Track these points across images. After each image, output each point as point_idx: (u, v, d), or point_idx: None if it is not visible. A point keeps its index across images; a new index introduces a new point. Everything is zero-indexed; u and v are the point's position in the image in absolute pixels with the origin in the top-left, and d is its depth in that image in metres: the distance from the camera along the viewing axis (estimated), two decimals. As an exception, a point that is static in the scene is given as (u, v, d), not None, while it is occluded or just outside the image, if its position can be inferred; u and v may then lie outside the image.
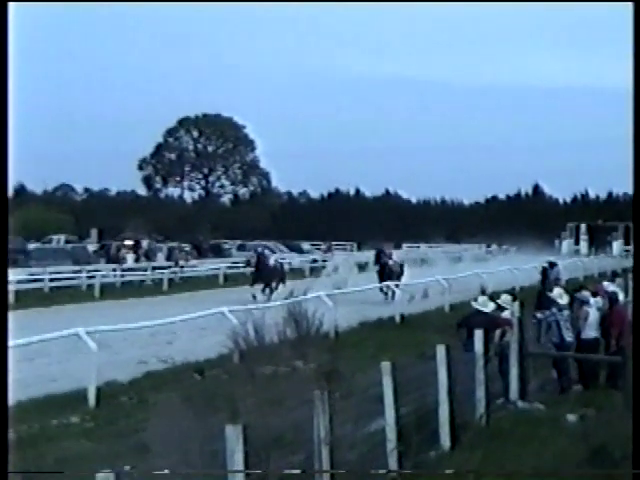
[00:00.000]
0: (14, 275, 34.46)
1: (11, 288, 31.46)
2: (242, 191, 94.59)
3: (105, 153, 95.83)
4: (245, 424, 7.05)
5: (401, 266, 33.46)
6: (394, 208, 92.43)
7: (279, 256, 41.38)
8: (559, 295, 15.27)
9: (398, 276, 31.75)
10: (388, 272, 31.85)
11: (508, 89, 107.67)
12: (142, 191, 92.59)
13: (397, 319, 22.69)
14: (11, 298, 30.14)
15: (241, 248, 61.54)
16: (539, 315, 14.92)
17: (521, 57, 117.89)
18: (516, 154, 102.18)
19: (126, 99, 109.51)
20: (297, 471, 7.52)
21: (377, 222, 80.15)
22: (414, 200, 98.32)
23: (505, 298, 15.12)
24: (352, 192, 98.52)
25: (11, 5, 7.47)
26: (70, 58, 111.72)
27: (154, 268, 43.54)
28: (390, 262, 32.97)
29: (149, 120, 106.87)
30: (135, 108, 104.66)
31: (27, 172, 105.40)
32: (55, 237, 64.47)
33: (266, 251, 36.60)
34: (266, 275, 32.26)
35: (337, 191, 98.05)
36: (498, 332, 13.77)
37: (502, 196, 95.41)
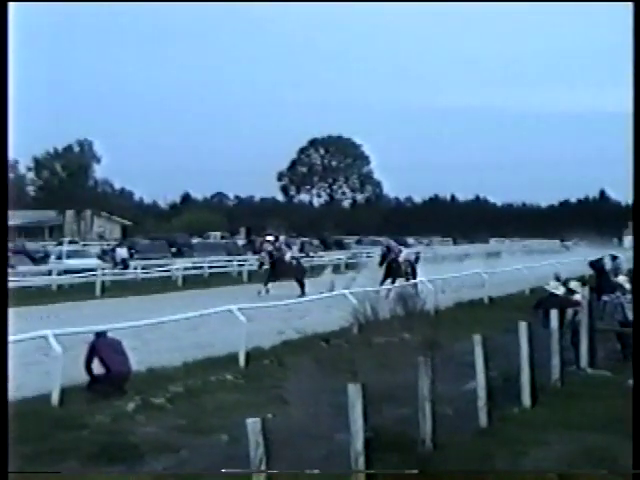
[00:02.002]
0: (181, 264, 35.35)
1: (179, 274, 32.27)
2: (359, 197, 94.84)
3: (251, 167, 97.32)
4: (363, 383, 7.03)
5: (411, 265, 26.33)
6: (483, 210, 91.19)
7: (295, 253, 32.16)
8: (624, 281, 14.90)
9: (406, 275, 25.20)
10: (395, 271, 25.14)
11: (578, 115, 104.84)
12: (280, 197, 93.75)
13: (486, 300, 22.32)
14: (180, 282, 30.94)
15: (359, 242, 61.65)
16: (606, 298, 14.54)
17: (587, 86, 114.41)
18: (586, 166, 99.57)
19: (265, 124, 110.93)
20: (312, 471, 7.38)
21: (469, 222, 79.13)
22: (499, 204, 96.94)
23: (575, 284, 14.82)
24: (448, 197, 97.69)
25: (11, 5, 6.75)
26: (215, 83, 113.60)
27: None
28: (399, 260, 25.79)
29: (286, 141, 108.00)
30: (273, 132, 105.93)
31: (192, 182, 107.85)
32: (213, 234, 65.76)
33: (283, 246, 28.68)
34: (281, 272, 26.22)
35: (436, 197, 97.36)
36: (570, 311, 13.47)
37: (573, 200, 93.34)
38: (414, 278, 24.49)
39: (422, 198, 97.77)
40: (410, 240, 67.90)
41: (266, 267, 26.96)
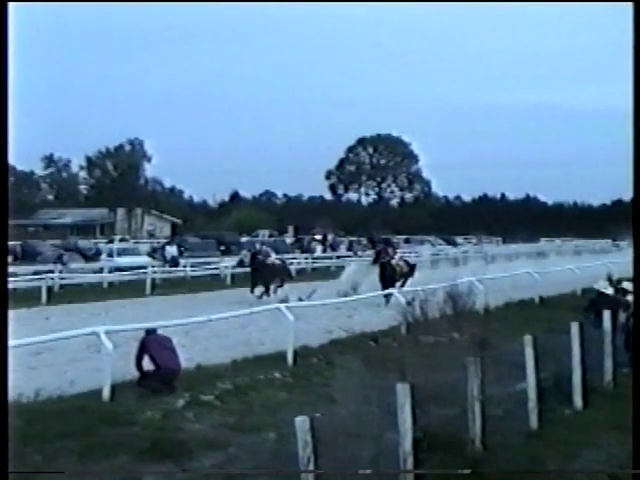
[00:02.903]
0: (230, 262, 35.53)
1: (227, 272, 32.40)
2: (408, 196, 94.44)
3: (300, 166, 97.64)
4: (411, 383, 6.98)
5: (409, 266, 24.24)
6: (533, 209, 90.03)
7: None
8: None
9: (402, 277, 23.29)
10: (389, 274, 22.88)
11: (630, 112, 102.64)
12: (328, 196, 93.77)
13: (537, 300, 22.03)
14: (228, 280, 31.11)
15: (407, 242, 61.41)
16: None
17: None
18: None
19: (314, 123, 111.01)
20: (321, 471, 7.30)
21: (518, 221, 78.21)
22: (550, 202, 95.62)
23: (627, 284, 14.44)
24: (498, 196, 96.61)
25: (11, 5, 6.61)
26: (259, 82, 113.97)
27: (338, 257, 43.93)
28: (393, 262, 23.59)
29: (335, 139, 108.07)
30: (322, 131, 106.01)
31: (241, 181, 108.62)
32: (261, 232, 66.06)
33: (264, 248, 26.82)
34: (264, 275, 24.01)
35: (485, 195, 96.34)
36: (624, 312, 13.19)
37: (626, 199, 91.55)
38: (407, 279, 23.18)
39: (471, 197, 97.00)
40: (459, 239, 67.44)
41: (245, 265, 25.74)
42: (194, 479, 7.16)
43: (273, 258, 25.51)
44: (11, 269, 28.57)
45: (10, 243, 43.74)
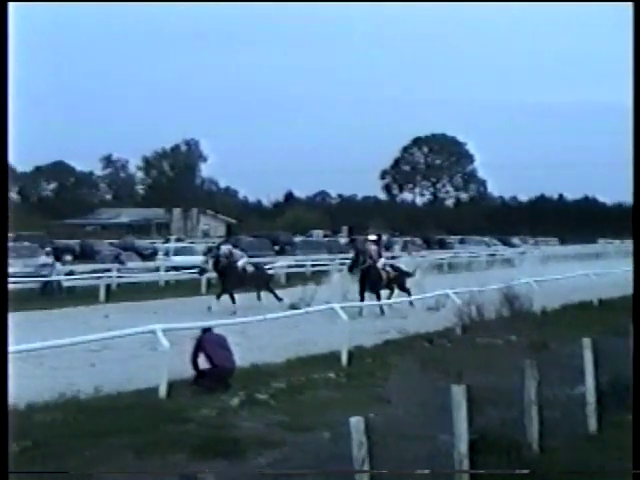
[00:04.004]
0: (284, 262, 35.68)
1: (282, 272, 32.48)
2: (463, 196, 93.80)
3: (354, 166, 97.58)
4: (467, 384, 6.92)
5: (400, 272, 21.34)
6: (591, 210, 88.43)
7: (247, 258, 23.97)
8: None
9: (391, 286, 20.78)
10: (373, 280, 20.22)
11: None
12: (382, 196, 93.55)
13: (595, 302, 21.65)
14: (283, 280, 31.20)
15: (462, 242, 60.96)
16: None
17: None
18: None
19: (368, 123, 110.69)
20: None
21: (576, 222, 76.96)
22: (609, 203, 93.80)
23: None
24: (555, 196, 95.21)
25: (11, 5, 6.61)
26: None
27: (392, 257, 43.71)
28: (378, 266, 20.63)
29: (389, 139, 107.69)
30: (377, 130, 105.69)
31: (295, 181, 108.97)
32: (315, 232, 66.22)
33: (236, 251, 23.14)
34: (233, 282, 21.21)
35: (542, 196, 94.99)
36: None
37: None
38: (402, 288, 20.81)
39: (528, 197, 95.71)
40: (515, 240, 66.61)
41: (208, 274, 23.06)
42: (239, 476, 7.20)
43: (244, 262, 22.45)
44: (70, 267, 29.31)
45: (69, 242, 44.66)
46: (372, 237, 56.18)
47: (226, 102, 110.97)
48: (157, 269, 32.86)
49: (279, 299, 21.31)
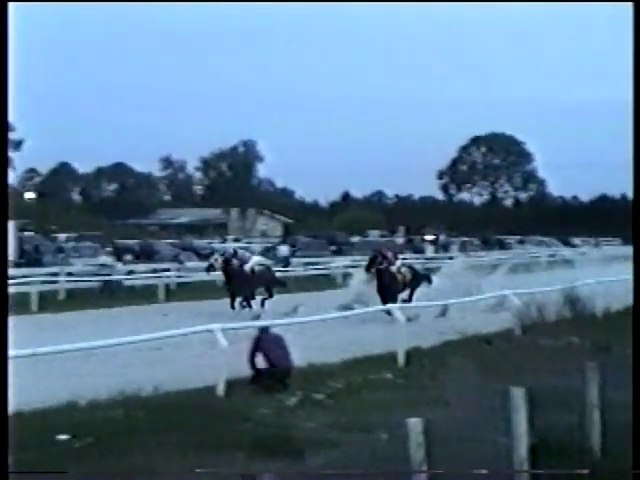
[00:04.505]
0: (341, 262, 35.66)
1: (338, 272, 32.44)
2: (522, 196, 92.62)
3: (411, 166, 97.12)
4: (527, 386, 6.81)
5: (415, 274, 20.58)
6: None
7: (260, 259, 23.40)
8: None
9: (407, 288, 19.93)
10: (388, 283, 19.46)
11: None
12: (440, 196, 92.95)
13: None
14: (339, 280, 31.17)
15: (521, 242, 60.23)
16: None
17: None
18: None
19: (426, 122, 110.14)
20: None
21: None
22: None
23: None
24: (617, 196, 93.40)
25: (11, 5, 6.62)
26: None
27: (449, 258, 43.44)
28: (392, 269, 19.80)
29: (447, 139, 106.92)
30: (434, 130, 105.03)
31: (352, 181, 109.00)
32: (372, 232, 66.19)
33: (245, 253, 22.72)
34: (239, 285, 20.55)
35: (604, 196, 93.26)
36: None
37: None
38: (411, 292, 20.00)
39: (589, 197, 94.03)
40: (576, 240, 65.55)
41: (216, 272, 22.23)
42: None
43: (253, 264, 21.49)
44: (131, 267, 29.80)
45: (130, 242, 45.44)
46: (429, 237, 55.95)
47: (284, 102, 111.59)
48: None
49: (262, 306, 20.26)
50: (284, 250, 39.28)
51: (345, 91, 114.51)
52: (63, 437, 7.68)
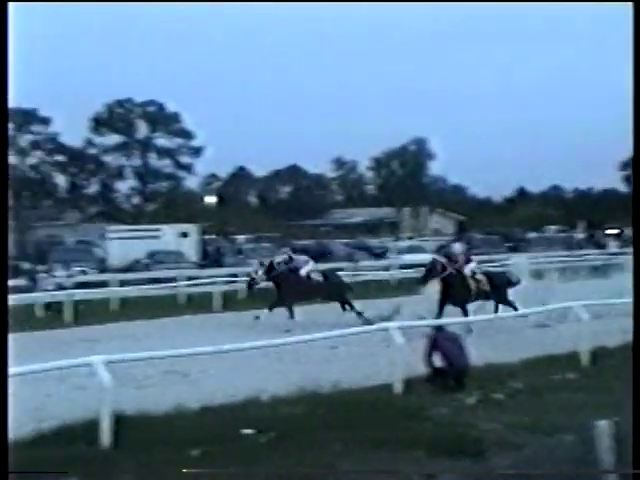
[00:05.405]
0: (517, 259, 34.72)
1: (513, 269, 31.40)
2: None
3: (590, 158, 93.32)
4: None
5: (492, 280, 17.46)
6: None
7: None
8: None
9: (480, 298, 17.11)
10: (459, 292, 16.67)
11: None
12: (623, 189, 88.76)
13: None
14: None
15: None
16: None
17: None
18: None
19: (607, 113, 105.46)
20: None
21: None
22: None
23: None
24: None
25: (11, 5, 6.66)
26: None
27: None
28: (466, 272, 17.16)
29: (628, 130, 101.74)
30: (614, 121, 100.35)
31: (527, 175, 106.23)
32: (550, 228, 64.32)
33: (301, 258, 19.80)
34: (293, 293, 18.44)
35: None
36: None
37: None
38: (500, 299, 17.04)
39: None
40: None
41: (259, 286, 19.81)
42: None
43: (308, 269, 19.16)
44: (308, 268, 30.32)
45: (306, 242, 46.56)
46: (612, 231, 53.47)
47: (454, 100, 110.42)
48: (387, 268, 33.39)
49: (359, 314, 18.07)
50: (458, 248, 38.83)
51: (519, 84, 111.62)
52: (248, 431, 7.97)
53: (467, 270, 17.15)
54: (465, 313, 16.22)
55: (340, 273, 27.94)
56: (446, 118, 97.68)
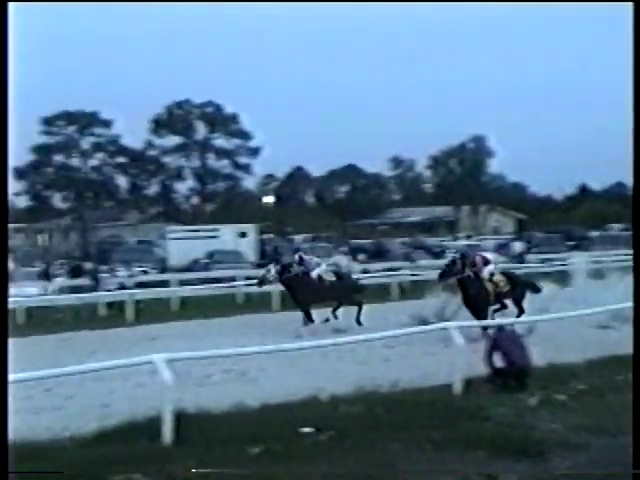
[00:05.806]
0: (580, 258, 34.10)
1: (582, 267, 30.79)
2: None
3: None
4: None
5: (514, 282, 16.82)
6: None
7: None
8: None
9: (500, 301, 16.59)
10: (476, 295, 16.09)
11: None
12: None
13: None
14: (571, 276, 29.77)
15: None
16: None
17: None
18: None
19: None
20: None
21: None
22: None
23: None
24: None
25: (11, 5, 6.68)
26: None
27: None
28: (483, 275, 16.36)
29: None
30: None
31: (589, 173, 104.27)
32: (613, 226, 63.21)
33: (312, 259, 19.16)
34: (305, 294, 17.97)
35: None
36: None
37: None
38: (518, 303, 16.46)
39: None
40: None
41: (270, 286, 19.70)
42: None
43: (319, 271, 18.59)
44: (364, 266, 30.42)
45: (363, 241, 46.53)
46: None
47: (514, 96, 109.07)
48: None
49: (359, 323, 17.64)
50: (518, 246, 38.47)
51: (582, 82, 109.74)
52: (307, 430, 8.00)
53: (485, 273, 16.52)
54: (485, 316, 15.73)
55: (398, 272, 27.83)
56: (506, 115, 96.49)
